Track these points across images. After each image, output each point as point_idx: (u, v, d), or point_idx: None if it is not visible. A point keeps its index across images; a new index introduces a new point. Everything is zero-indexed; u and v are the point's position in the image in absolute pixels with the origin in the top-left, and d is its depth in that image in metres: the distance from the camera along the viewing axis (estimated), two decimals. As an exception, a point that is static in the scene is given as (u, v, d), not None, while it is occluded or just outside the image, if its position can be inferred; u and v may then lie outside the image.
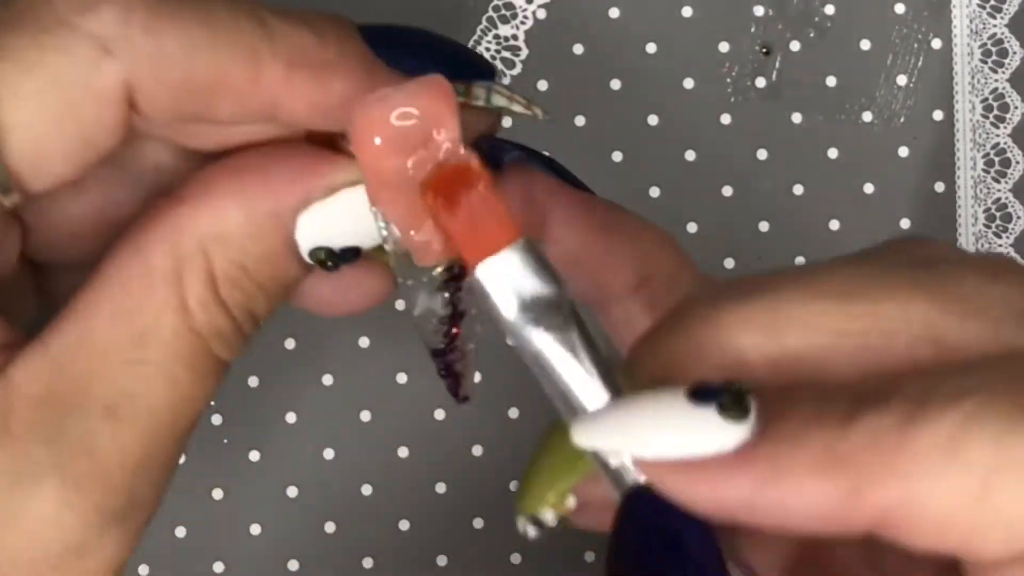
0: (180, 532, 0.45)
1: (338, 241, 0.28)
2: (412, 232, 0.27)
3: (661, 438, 0.23)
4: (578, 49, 0.45)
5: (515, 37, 0.45)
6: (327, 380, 0.45)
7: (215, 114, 0.27)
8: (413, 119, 0.25)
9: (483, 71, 0.30)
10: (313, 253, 0.28)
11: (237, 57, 0.26)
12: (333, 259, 0.28)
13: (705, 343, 0.24)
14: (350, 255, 0.29)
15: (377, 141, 0.25)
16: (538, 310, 0.25)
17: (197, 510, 0.45)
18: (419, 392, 0.45)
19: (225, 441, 0.45)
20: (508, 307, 0.25)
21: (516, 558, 0.45)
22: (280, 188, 0.28)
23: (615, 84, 0.45)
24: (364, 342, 0.45)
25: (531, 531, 0.27)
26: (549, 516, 0.27)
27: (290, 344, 0.45)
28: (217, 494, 0.45)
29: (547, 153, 0.31)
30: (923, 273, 0.24)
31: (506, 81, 0.45)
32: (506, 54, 0.45)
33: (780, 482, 0.22)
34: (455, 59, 0.29)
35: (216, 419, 0.45)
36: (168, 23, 0.26)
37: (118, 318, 0.27)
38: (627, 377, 0.25)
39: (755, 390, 0.23)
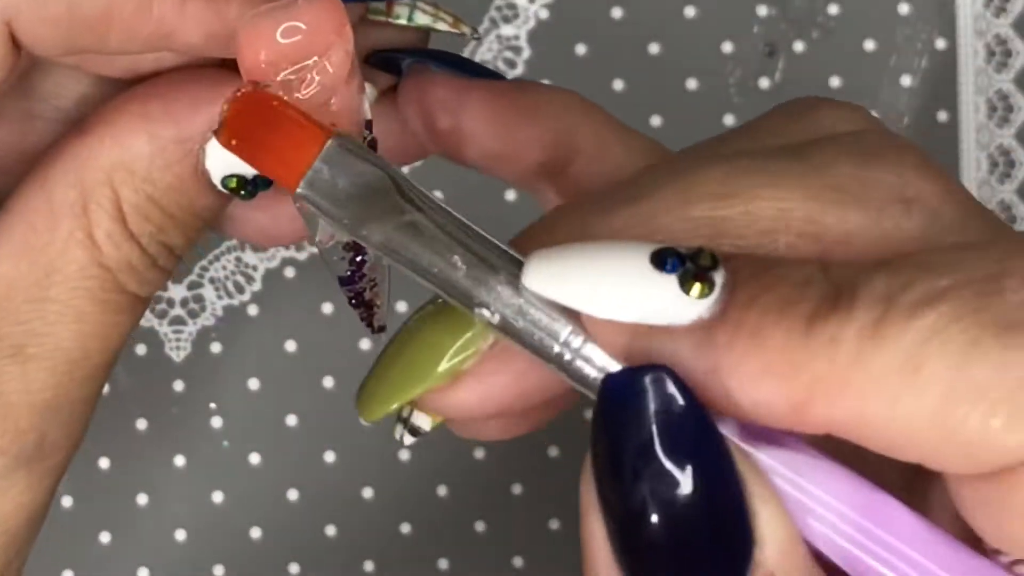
0: (180, 536, 0.45)
1: (250, 167, 0.27)
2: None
3: (617, 298, 0.22)
4: (580, 49, 0.44)
5: (517, 37, 0.44)
6: (328, 383, 0.45)
7: (106, 47, 0.26)
8: (299, 34, 0.24)
9: None
10: (225, 181, 0.27)
11: None
12: (246, 187, 0.27)
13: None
14: (264, 182, 0.27)
15: (262, 56, 0.24)
16: (366, 204, 0.23)
17: (198, 513, 0.45)
18: (420, 394, 0.45)
19: (225, 444, 0.45)
20: (337, 214, 0.23)
21: (518, 561, 0.45)
22: (184, 114, 0.27)
23: (618, 85, 0.44)
24: (365, 344, 0.45)
25: (407, 438, 0.25)
26: (424, 421, 0.25)
27: (291, 347, 0.45)
28: (217, 497, 0.45)
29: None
30: (797, 163, 0.23)
31: (508, 82, 0.45)
32: (508, 54, 0.44)
33: (730, 374, 0.21)
34: None
35: (216, 422, 0.45)
36: None
37: (22, 255, 0.27)
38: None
39: (728, 259, 0.22)
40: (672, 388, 0.21)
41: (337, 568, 0.45)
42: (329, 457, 0.45)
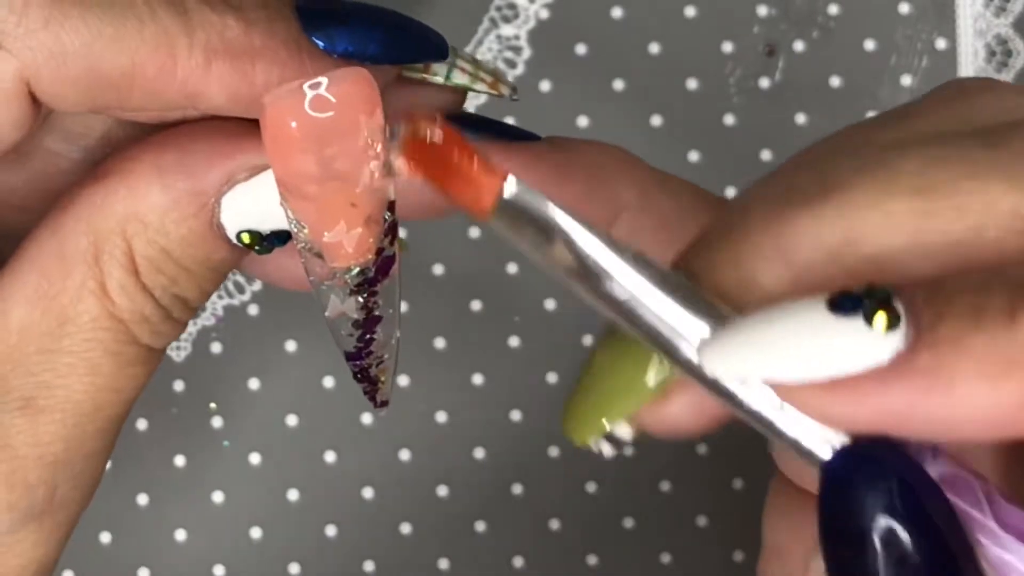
0: (180, 536, 0.45)
1: (266, 224, 0.27)
2: (325, 233, 0.25)
3: (806, 357, 0.21)
4: (581, 49, 0.44)
5: (517, 37, 0.44)
6: (328, 383, 0.45)
7: (128, 106, 0.26)
8: (330, 110, 0.24)
9: (430, 53, 0.28)
10: (239, 236, 0.27)
11: (148, 49, 0.25)
12: (261, 243, 0.27)
13: (771, 249, 0.22)
14: (280, 238, 0.27)
15: (292, 128, 0.24)
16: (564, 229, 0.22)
17: (198, 513, 0.45)
18: (421, 395, 0.45)
19: (225, 444, 0.45)
20: (549, 220, 0.22)
21: (518, 561, 0.45)
22: (199, 167, 0.26)
23: (618, 85, 0.44)
24: (365, 344, 0.45)
25: (607, 449, 0.24)
26: (625, 432, 0.24)
27: (291, 346, 0.45)
28: (217, 497, 0.45)
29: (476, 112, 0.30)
30: (996, 152, 0.22)
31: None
32: (508, 54, 0.44)
33: (946, 393, 0.20)
34: (398, 41, 0.27)
35: (216, 422, 0.45)
36: (71, 13, 0.25)
37: (34, 304, 0.26)
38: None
39: (899, 291, 0.21)
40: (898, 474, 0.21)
41: (337, 568, 0.45)
42: (329, 457, 0.45)
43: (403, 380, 0.45)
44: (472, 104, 0.44)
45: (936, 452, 0.22)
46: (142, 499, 0.45)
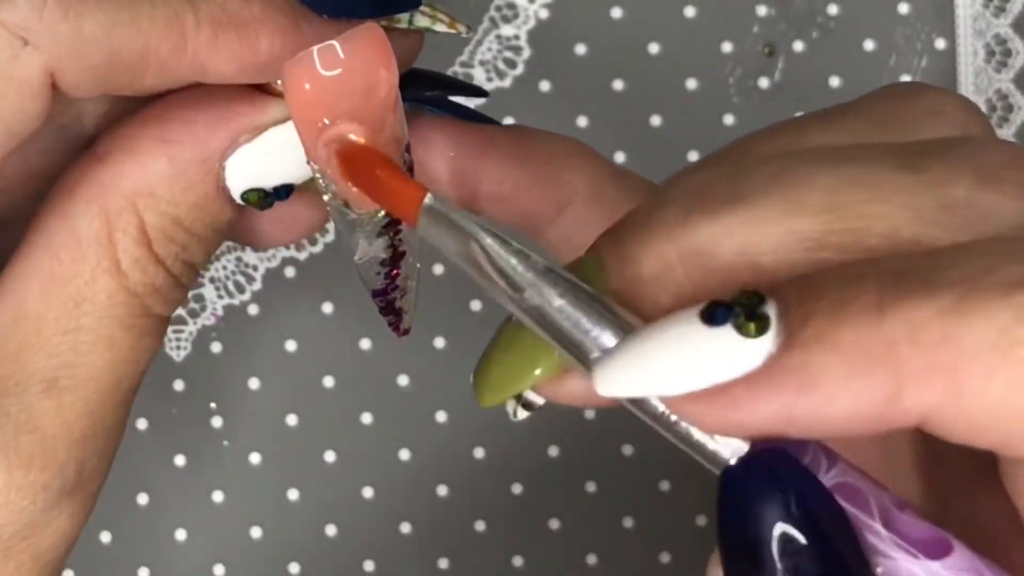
0: (180, 535, 0.45)
1: (269, 180, 0.28)
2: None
3: (683, 373, 0.21)
4: (580, 49, 0.44)
5: (517, 37, 0.44)
6: (328, 382, 0.45)
7: (140, 85, 0.26)
8: (342, 67, 0.25)
9: (410, 3, 0.29)
10: (245, 195, 0.28)
11: (161, 30, 0.26)
12: (266, 199, 0.28)
13: (670, 252, 0.23)
14: (283, 192, 0.28)
15: (308, 90, 0.25)
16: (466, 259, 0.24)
17: (198, 513, 0.45)
18: (421, 395, 0.45)
19: (225, 444, 0.45)
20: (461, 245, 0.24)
21: (518, 561, 0.45)
22: (204, 134, 0.27)
23: (618, 85, 0.44)
24: (365, 344, 0.45)
25: (521, 413, 0.26)
26: (537, 397, 0.25)
27: (291, 346, 0.45)
28: (218, 497, 0.45)
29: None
30: (908, 176, 0.22)
31: (508, 82, 0.45)
32: (508, 54, 0.44)
33: (815, 391, 0.21)
34: None
35: (216, 422, 0.45)
36: (88, 3, 0.25)
37: (50, 288, 0.27)
38: (590, 273, 0.24)
39: (771, 291, 0.22)
40: (788, 474, 0.21)
41: (337, 568, 0.45)
42: (329, 457, 0.45)
43: (403, 380, 0.45)
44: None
45: (833, 458, 0.22)
46: (142, 499, 0.45)
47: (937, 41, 0.45)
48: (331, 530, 0.45)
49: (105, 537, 0.45)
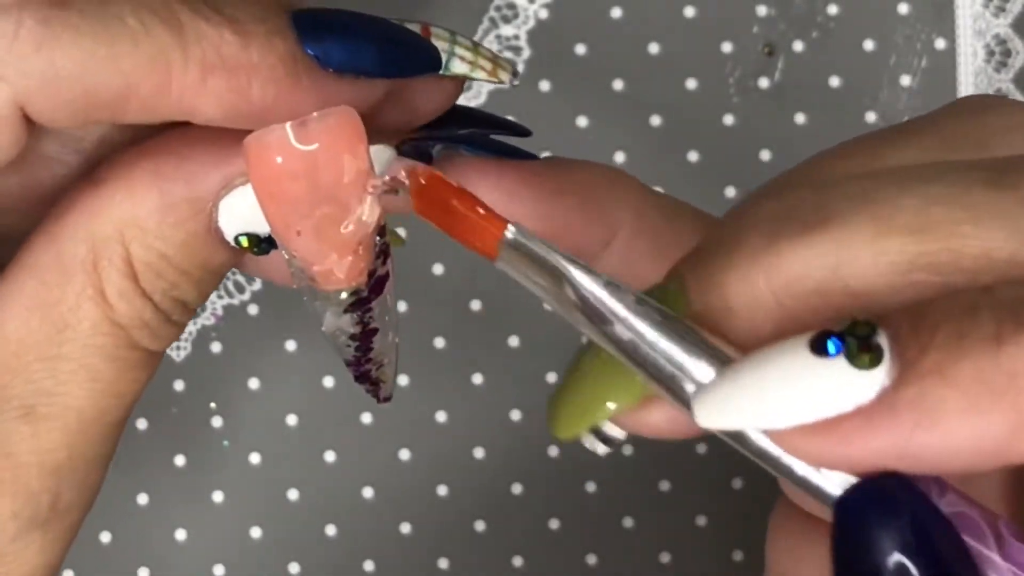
0: (180, 535, 0.45)
1: (264, 226, 0.27)
2: (315, 267, 0.26)
3: (792, 405, 0.21)
4: (580, 49, 0.44)
5: (517, 37, 0.44)
6: (328, 382, 0.45)
7: (123, 120, 0.26)
8: (315, 143, 0.24)
9: (423, 67, 0.28)
10: (238, 239, 0.27)
11: (143, 67, 0.25)
12: (259, 244, 0.27)
13: (759, 277, 0.22)
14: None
15: (277, 163, 0.24)
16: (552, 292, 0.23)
17: (198, 513, 0.45)
18: (420, 395, 0.45)
19: (225, 444, 0.45)
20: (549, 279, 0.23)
21: (518, 561, 0.45)
22: (197, 173, 0.26)
23: (617, 85, 0.44)
24: (365, 344, 0.45)
25: (600, 448, 0.24)
26: (616, 431, 0.24)
27: (291, 346, 0.45)
28: (217, 497, 0.45)
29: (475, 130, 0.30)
30: (1001, 194, 0.21)
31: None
32: (508, 54, 0.44)
33: (932, 427, 0.20)
34: (391, 56, 0.27)
35: (216, 422, 0.45)
36: (63, 36, 0.24)
37: (33, 311, 0.26)
38: (671, 300, 0.23)
39: (881, 321, 0.21)
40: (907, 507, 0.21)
41: (337, 568, 0.45)
42: (329, 457, 0.45)
43: (403, 380, 0.45)
44: (473, 102, 0.45)
45: (943, 487, 0.22)
46: (142, 499, 0.45)
47: (937, 41, 0.45)
48: (331, 530, 0.45)
49: (105, 537, 0.45)
